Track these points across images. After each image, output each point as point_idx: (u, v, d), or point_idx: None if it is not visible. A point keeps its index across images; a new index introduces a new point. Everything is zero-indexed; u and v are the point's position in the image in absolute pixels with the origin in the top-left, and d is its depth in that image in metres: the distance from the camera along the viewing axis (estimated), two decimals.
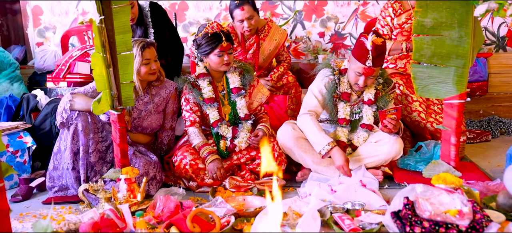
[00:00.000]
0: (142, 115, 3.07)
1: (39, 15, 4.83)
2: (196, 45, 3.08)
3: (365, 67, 2.87)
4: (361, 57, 2.85)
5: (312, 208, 2.25)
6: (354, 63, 2.93)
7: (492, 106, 4.61)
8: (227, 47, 2.99)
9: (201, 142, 2.99)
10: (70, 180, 2.85)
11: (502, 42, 4.83)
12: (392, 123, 2.87)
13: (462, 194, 2.19)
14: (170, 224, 2.27)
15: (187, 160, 2.92)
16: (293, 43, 4.82)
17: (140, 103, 3.06)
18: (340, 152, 2.88)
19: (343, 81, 3.07)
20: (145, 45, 2.93)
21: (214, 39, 2.98)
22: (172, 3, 4.77)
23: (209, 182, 2.94)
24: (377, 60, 2.85)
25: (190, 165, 2.92)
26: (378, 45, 2.81)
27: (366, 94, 3.08)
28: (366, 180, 2.86)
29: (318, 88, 3.07)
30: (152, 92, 3.09)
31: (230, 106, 3.15)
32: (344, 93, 3.07)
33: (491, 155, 3.56)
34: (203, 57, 3.08)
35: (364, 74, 2.90)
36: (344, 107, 3.08)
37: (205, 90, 3.08)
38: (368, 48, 2.82)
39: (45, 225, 1.77)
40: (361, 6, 4.80)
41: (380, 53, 2.84)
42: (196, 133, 3.02)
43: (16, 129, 3.21)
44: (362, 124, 3.10)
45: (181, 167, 2.94)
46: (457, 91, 2.45)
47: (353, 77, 2.97)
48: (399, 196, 2.22)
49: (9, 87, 4.02)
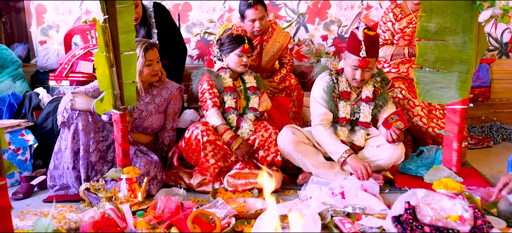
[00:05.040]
0: (143, 115, 3.07)
1: (42, 14, 4.83)
2: (220, 43, 3.30)
3: (359, 59, 2.90)
4: (354, 49, 2.90)
5: (313, 211, 2.25)
6: (349, 57, 2.97)
7: (494, 112, 4.61)
8: (247, 49, 3.23)
9: (223, 125, 3.10)
10: (70, 179, 2.85)
11: (505, 48, 4.83)
12: (397, 132, 2.87)
13: (463, 199, 2.19)
14: (170, 224, 2.27)
15: (198, 130, 2.99)
16: (296, 46, 4.82)
17: (141, 104, 3.07)
18: (356, 158, 2.92)
19: (341, 81, 3.10)
20: (148, 46, 2.94)
21: (238, 39, 3.23)
22: (175, 3, 4.77)
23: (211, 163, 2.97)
24: (370, 50, 2.88)
25: (202, 135, 2.97)
26: (369, 35, 2.87)
27: (364, 91, 3.10)
28: (367, 184, 2.86)
29: (319, 94, 3.09)
30: (153, 92, 3.10)
31: (245, 101, 3.29)
32: (343, 92, 3.09)
33: (493, 161, 3.55)
34: (224, 56, 3.29)
35: (360, 67, 2.92)
36: (344, 106, 3.09)
37: (226, 80, 3.25)
38: (360, 38, 2.87)
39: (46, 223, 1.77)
40: (364, 10, 4.79)
41: (372, 43, 2.88)
42: (217, 115, 3.12)
43: (18, 127, 3.21)
44: (359, 122, 3.12)
45: (191, 140, 3.00)
46: (460, 97, 2.44)
47: (350, 73, 3.00)
48: (400, 201, 2.22)
49: (11, 85, 4.02)
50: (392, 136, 2.88)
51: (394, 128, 2.87)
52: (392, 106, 3.16)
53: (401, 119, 2.88)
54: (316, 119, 3.08)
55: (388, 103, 3.13)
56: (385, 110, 3.12)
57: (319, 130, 3.04)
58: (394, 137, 2.88)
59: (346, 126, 3.09)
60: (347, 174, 3.00)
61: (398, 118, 2.87)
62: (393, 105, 3.18)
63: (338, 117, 3.11)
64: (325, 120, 3.06)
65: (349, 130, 3.12)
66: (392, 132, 2.88)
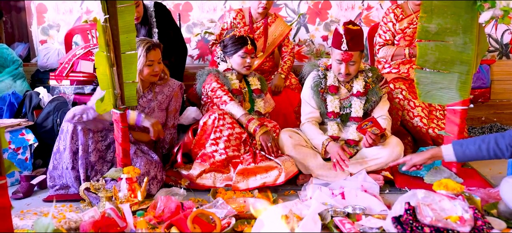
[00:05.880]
0: (145, 112, 3.07)
1: (43, 13, 4.83)
2: (223, 45, 3.31)
3: (342, 53, 2.96)
4: (337, 43, 2.98)
5: (313, 211, 2.25)
6: (333, 52, 3.06)
7: (494, 113, 4.61)
8: (251, 50, 3.23)
9: (246, 115, 3.09)
10: (70, 179, 2.84)
11: (505, 49, 4.83)
12: (373, 137, 2.90)
13: (463, 200, 2.19)
14: (170, 224, 2.27)
15: (216, 114, 2.99)
16: (296, 46, 4.82)
17: (143, 101, 3.07)
18: (334, 144, 3.02)
19: (329, 76, 3.16)
20: (150, 47, 2.94)
21: (241, 40, 3.23)
22: (176, 3, 4.77)
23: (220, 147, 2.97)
24: (352, 44, 2.94)
25: (219, 118, 2.98)
26: (350, 29, 2.94)
27: (355, 86, 3.14)
28: (367, 184, 2.86)
29: (307, 93, 3.19)
30: (155, 90, 3.10)
31: (249, 104, 3.32)
32: (331, 86, 3.14)
33: (493, 162, 3.53)
34: (228, 58, 3.29)
35: (344, 60, 2.99)
36: (332, 100, 3.14)
37: (233, 82, 3.26)
38: (341, 32, 2.94)
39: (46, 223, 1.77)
40: (365, 10, 4.80)
41: (353, 36, 2.94)
42: (238, 106, 3.11)
43: (18, 126, 3.21)
44: (351, 117, 3.15)
45: (207, 125, 3.00)
46: (460, 98, 2.45)
47: (336, 67, 3.07)
48: (400, 201, 2.22)
49: (12, 84, 4.02)
50: (368, 141, 2.92)
51: (370, 133, 2.90)
52: (386, 103, 3.18)
53: (375, 125, 2.89)
54: (303, 118, 3.21)
55: (382, 99, 3.14)
56: (378, 106, 3.15)
57: (305, 126, 3.16)
58: (370, 142, 2.92)
59: (334, 120, 3.13)
60: (347, 174, 3.00)
61: (371, 124, 2.89)
62: (387, 102, 3.20)
63: (326, 112, 3.15)
64: (311, 118, 3.17)
65: (340, 125, 3.15)
66: (367, 137, 2.92)
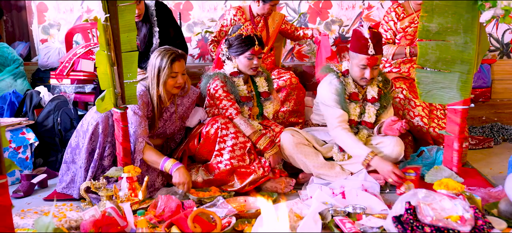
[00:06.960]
0: (167, 125, 3.03)
1: (43, 12, 4.83)
2: (228, 44, 3.15)
3: (368, 57, 2.88)
4: (361, 48, 2.87)
5: (314, 210, 2.25)
6: (355, 57, 2.94)
7: (495, 112, 4.61)
8: (258, 51, 3.08)
9: (255, 133, 3.00)
10: (80, 178, 2.82)
11: (506, 49, 4.82)
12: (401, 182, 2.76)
13: (464, 200, 2.19)
14: (171, 223, 2.27)
15: (218, 124, 2.92)
16: (297, 45, 4.82)
17: (167, 114, 2.99)
18: (381, 160, 2.84)
19: (348, 82, 3.07)
20: (175, 58, 2.81)
21: (247, 41, 3.07)
22: (177, 2, 4.77)
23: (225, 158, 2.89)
24: (377, 47, 2.88)
25: (221, 128, 2.90)
26: (375, 33, 2.89)
27: (369, 92, 3.09)
28: (367, 184, 2.86)
29: (331, 98, 3.00)
30: (177, 102, 3.03)
31: (258, 108, 3.23)
32: (353, 93, 3.06)
33: (493, 162, 3.55)
34: (233, 58, 3.14)
35: (369, 65, 2.91)
36: (354, 107, 3.06)
37: (241, 88, 3.14)
38: (367, 36, 2.86)
39: (47, 222, 1.76)
40: (365, 9, 4.79)
41: (378, 39, 2.89)
42: (245, 123, 3.01)
43: (19, 125, 3.22)
44: (363, 121, 3.11)
45: (210, 134, 2.93)
46: (461, 97, 2.44)
47: (358, 72, 2.96)
48: (400, 201, 2.22)
49: (12, 83, 4.03)
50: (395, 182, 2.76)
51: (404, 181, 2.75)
52: (391, 107, 3.18)
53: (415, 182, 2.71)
54: (334, 122, 2.99)
55: (389, 105, 3.12)
56: (386, 112, 3.13)
57: (340, 132, 2.96)
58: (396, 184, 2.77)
59: (353, 128, 3.07)
60: (347, 174, 3.00)
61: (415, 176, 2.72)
62: (392, 107, 3.19)
63: (349, 120, 3.06)
64: (343, 121, 2.99)
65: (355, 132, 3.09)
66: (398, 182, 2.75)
